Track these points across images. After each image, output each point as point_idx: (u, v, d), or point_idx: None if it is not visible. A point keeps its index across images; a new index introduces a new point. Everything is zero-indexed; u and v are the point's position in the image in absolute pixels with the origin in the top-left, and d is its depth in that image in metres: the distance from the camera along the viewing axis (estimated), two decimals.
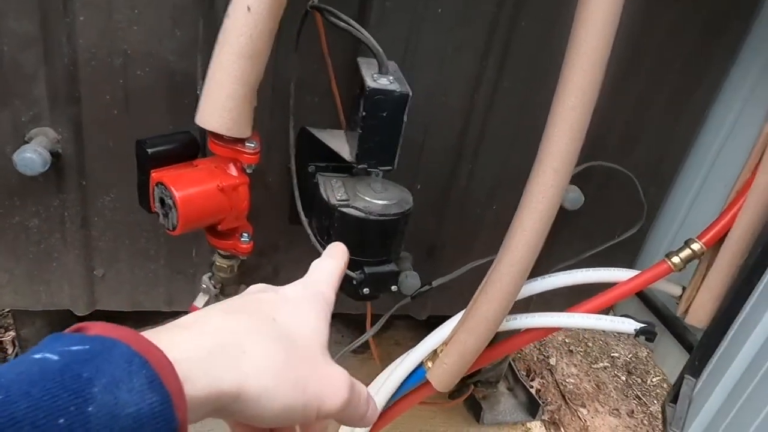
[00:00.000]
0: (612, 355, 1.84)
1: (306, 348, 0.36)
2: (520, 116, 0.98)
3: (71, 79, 0.82)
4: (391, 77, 0.72)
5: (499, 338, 1.03)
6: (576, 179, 1.05)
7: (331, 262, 0.46)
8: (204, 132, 0.76)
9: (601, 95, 0.98)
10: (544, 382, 1.68)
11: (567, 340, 1.86)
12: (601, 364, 1.79)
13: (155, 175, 0.72)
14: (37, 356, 0.26)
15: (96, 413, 0.24)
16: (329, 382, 0.36)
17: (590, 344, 1.86)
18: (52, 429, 0.23)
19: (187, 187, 0.71)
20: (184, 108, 0.85)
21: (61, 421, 0.24)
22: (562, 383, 1.69)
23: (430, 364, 1.00)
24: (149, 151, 0.73)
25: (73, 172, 0.88)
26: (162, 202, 0.72)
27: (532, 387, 1.61)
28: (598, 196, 1.10)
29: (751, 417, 0.86)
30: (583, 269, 1.02)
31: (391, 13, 0.85)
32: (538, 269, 1.03)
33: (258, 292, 0.41)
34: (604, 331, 1.91)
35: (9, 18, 0.76)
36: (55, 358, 0.26)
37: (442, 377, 0.98)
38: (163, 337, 0.30)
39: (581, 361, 1.80)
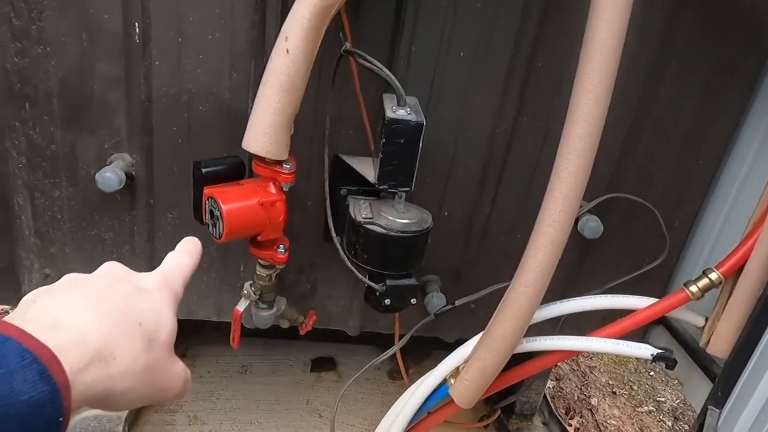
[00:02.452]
0: (658, 399, 1.80)
1: (161, 349, 0.41)
2: (540, 149, 1.06)
3: (146, 113, 0.97)
4: (408, 109, 0.83)
5: (521, 360, 1.07)
6: (597, 210, 1.11)
7: (187, 259, 0.51)
8: (250, 156, 0.88)
9: (619, 129, 1.06)
10: (584, 421, 1.66)
11: (610, 382, 1.84)
12: (646, 408, 1.75)
13: (207, 191, 0.85)
14: None
15: None
16: (172, 379, 0.43)
17: (635, 387, 1.83)
18: None
19: (233, 202, 0.83)
20: (236, 137, 0.98)
21: None
22: (603, 424, 1.67)
23: (452, 380, 1.05)
24: (203, 170, 0.86)
25: (143, 191, 1.03)
26: (211, 214, 0.85)
27: (570, 425, 1.61)
28: (620, 227, 1.14)
29: None
30: (601, 295, 1.06)
31: (417, 56, 0.96)
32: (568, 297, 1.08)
33: (118, 282, 0.43)
34: (650, 375, 1.87)
35: (101, 63, 0.93)
36: None
37: (463, 393, 1.03)
38: (50, 339, 0.33)
39: (625, 403, 1.77)
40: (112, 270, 0.46)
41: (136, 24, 0.90)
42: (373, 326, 1.21)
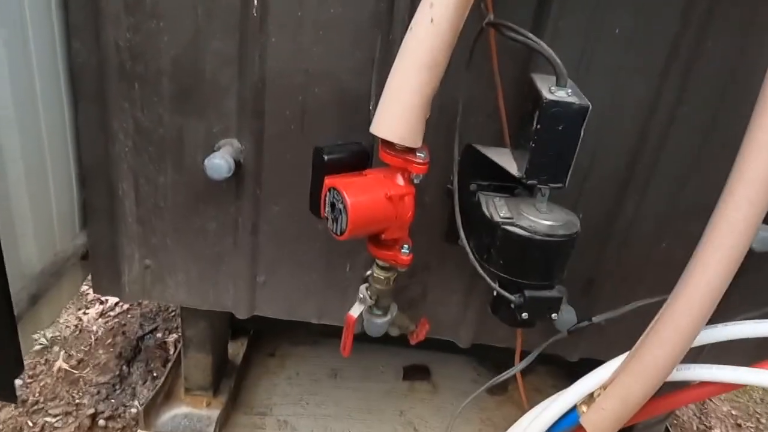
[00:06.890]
0: None
1: None
2: (701, 145, 0.91)
3: (258, 95, 0.90)
4: (569, 90, 0.70)
5: (664, 389, 0.93)
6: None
7: None
8: (373, 142, 0.79)
9: None
10: None
11: (733, 412, 1.63)
12: None
13: (328, 181, 0.76)
14: None
15: None
16: None
17: (763, 420, 1.62)
18: None
19: (359, 194, 0.73)
20: (353, 124, 0.89)
21: None
22: None
23: (584, 408, 0.92)
24: (326, 158, 0.77)
25: (250, 180, 0.96)
26: (333, 206, 0.75)
27: None
28: None
29: None
30: None
31: (565, 33, 0.83)
32: (714, 317, 0.92)
33: None
34: None
35: (214, 39, 0.86)
36: None
37: (599, 424, 0.90)
38: None
39: None
40: None
41: None
42: (489, 339, 1.09)
